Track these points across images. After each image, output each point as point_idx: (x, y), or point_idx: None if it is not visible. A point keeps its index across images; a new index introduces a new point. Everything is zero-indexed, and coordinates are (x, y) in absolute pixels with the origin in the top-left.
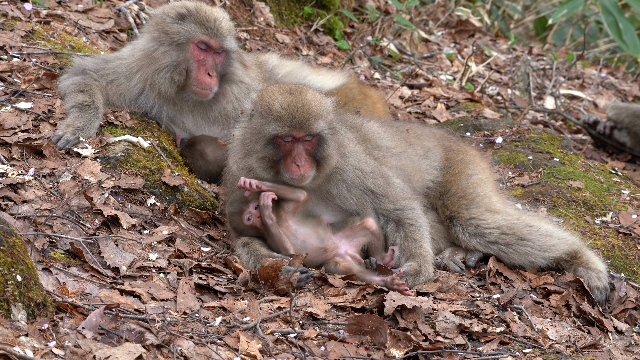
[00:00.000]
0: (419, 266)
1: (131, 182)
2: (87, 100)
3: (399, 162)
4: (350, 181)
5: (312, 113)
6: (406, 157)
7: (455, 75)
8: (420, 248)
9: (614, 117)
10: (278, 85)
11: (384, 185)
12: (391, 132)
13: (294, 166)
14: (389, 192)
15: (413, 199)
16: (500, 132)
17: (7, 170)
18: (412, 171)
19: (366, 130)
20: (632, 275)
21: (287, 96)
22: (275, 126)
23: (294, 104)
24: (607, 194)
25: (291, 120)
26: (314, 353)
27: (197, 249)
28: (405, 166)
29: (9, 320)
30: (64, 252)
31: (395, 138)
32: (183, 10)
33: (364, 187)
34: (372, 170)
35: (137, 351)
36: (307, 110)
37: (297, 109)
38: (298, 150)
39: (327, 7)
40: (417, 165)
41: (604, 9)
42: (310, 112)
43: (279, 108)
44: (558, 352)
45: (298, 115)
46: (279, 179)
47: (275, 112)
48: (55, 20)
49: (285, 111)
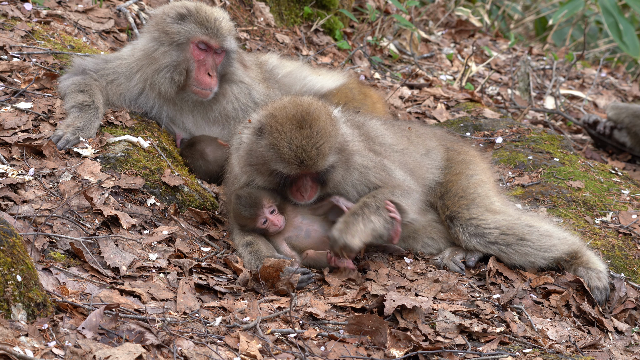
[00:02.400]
0: (338, 232)
1: (131, 182)
2: (87, 100)
3: (401, 157)
4: (357, 179)
5: (322, 154)
6: (408, 154)
7: (455, 75)
8: (360, 217)
9: (614, 117)
10: (287, 112)
11: (386, 177)
12: (393, 130)
13: (299, 195)
14: (390, 182)
15: (412, 189)
16: (500, 132)
17: (7, 170)
18: (414, 167)
19: (368, 127)
20: (632, 275)
21: (296, 132)
22: (283, 166)
23: (302, 147)
24: (607, 194)
25: (300, 163)
26: (314, 353)
27: (197, 249)
28: (407, 162)
29: (9, 320)
30: (64, 252)
31: (397, 136)
32: (183, 10)
33: (367, 182)
34: (375, 165)
35: (137, 351)
36: (316, 152)
37: (305, 152)
38: (305, 182)
39: (327, 7)
40: (419, 163)
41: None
42: (319, 153)
43: (288, 150)
44: (558, 352)
45: (306, 158)
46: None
47: (283, 153)
48: (55, 20)
49: (294, 154)
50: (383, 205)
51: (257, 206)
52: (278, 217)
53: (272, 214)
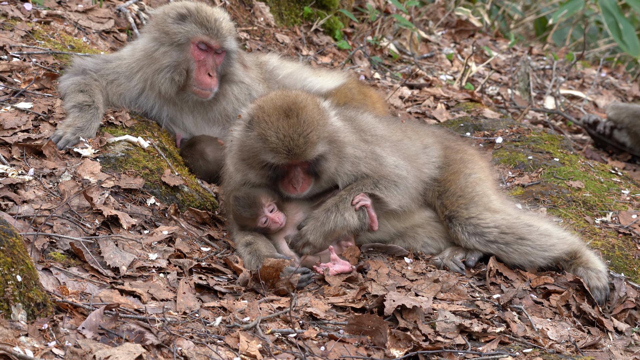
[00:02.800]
0: (306, 230)
1: (131, 182)
2: (87, 100)
3: (394, 145)
4: (349, 170)
5: (309, 142)
6: (403, 144)
7: (455, 75)
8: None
9: (614, 117)
10: (274, 103)
11: (376, 166)
12: (386, 122)
13: (291, 187)
14: (380, 171)
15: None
16: (500, 132)
17: (7, 170)
18: (410, 155)
19: (360, 121)
20: (632, 275)
21: (283, 121)
22: (272, 156)
23: (290, 135)
24: (607, 194)
25: (288, 152)
26: (314, 353)
27: (197, 249)
28: (401, 149)
29: (9, 320)
30: (64, 252)
31: (391, 128)
32: (183, 10)
33: (358, 173)
34: (366, 155)
35: (137, 351)
36: (303, 140)
37: (293, 140)
38: (295, 173)
39: (327, 7)
40: (415, 156)
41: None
42: (307, 141)
43: (275, 139)
44: (558, 352)
45: (294, 146)
46: (277, 189)
47: (271, 142)
48: (55, 20)
49: (282, 142)
50: (358, 199)
51: (256, 206)
52: (278, 215)
53: (272, 212)
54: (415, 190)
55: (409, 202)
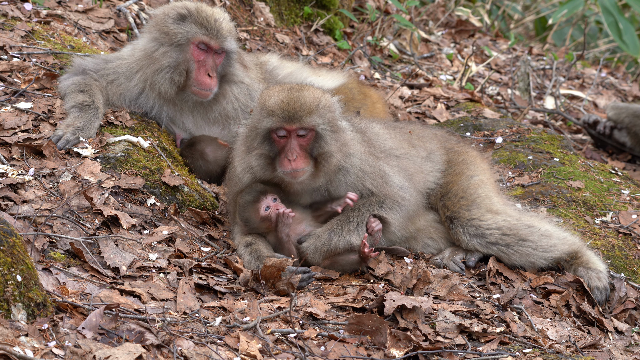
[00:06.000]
0: (306, 249)
1: (131, 182)
2: (87, 100)
3: (401, 162)
4: (351, 182)
5: (306, 107)
6: (409, 158)
7: (455, 75)
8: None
9: (614, 117)
10: (281, 85)
11: (382, 185)
12: (394, 133)
13: (286, 161)
14: (384, 191)
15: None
16: (500, 132)
17: (7, 170)
18: (414, 172)
19: (370, 134)
20: (632, 275)
21: (284, 93)
22: (268, 120)
23: (287, 99)
24: (607, 194)
25: (282, 113)
26: (314, 353)
27: (197, 249)
28: (407, 167)
29: (9, 320)
30: (64, 252)
31: (398, 139)
32: (183, 10)
33: (362, 187)
34: (373, 171)
35: (137, 351)
36: (300, 104)
37: (289, 103)
38: (291, 144)
39: (327, 7)
40: (420, 167)
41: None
42: (303, 106)
43: (273, 103)
44: (558, 352)
45: (290, 108)
46: (276, 176)
47: (269, 107)
48: (55, 20)
49: (278, 105)
50: (364, 220)
51: (259, 192)
52: (281, 205)
53: (274, 201)
54: (413, 211)
55: (406, 223)
